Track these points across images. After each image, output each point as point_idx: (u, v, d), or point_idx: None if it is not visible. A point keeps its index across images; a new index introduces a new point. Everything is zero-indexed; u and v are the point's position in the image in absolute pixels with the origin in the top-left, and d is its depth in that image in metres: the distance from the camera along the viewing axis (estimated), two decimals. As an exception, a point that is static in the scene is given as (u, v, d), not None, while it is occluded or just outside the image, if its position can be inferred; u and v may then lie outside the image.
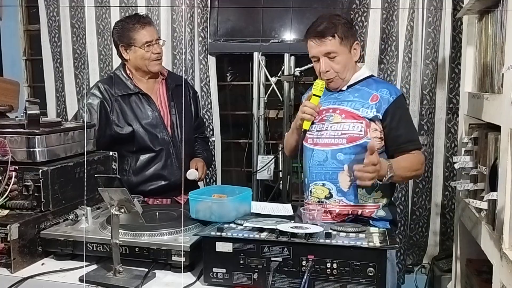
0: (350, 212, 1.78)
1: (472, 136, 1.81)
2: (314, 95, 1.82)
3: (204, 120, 2.79)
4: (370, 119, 1.78)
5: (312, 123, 1.86)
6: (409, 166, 1.77)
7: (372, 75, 1.94)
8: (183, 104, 2.33)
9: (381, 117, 1.78)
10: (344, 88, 1.87)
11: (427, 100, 2.59)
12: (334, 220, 1.77)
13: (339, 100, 1.86)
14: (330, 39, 1.78)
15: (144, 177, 2.19)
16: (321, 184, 1.81)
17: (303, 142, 1.87)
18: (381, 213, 1.80)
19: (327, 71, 1.82)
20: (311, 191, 1.84)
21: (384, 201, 1.81)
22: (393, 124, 1.78)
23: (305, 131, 1.84)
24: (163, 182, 2.20)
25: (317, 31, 1.80)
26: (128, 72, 2.23)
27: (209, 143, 2.66)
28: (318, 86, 1.81)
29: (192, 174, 2.16)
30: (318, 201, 1.82)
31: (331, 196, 1.79)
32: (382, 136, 1.79)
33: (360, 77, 1.88)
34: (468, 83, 1.98)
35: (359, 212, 1.78)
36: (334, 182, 1.79)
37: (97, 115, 2.15)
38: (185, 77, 2.75)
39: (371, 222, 1.78)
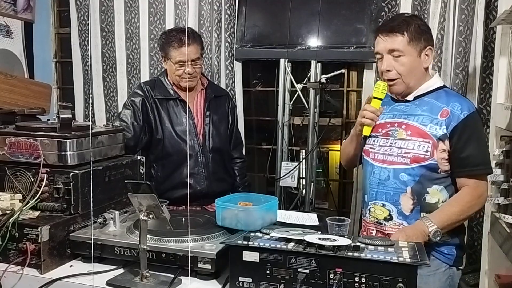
0: None
1: (504, 149, 1.76)
2: (374, 97, 1.68)
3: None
4: (439, 138, 1.64)
5: (376, 136, 1.74)
6: (460, 210, 1.60)
7: (444, 86, 1.78)
8: (219, 115, 2.36)
9: (448, 136, 1.63)
10: (411, 98, 1.73)
11: (456, 110, 2.53)
12: None
13: (405, 113, 1.72)
14: (397, 35, 1.66)
15: (170, 184, 2.23)
16: (381, 205, 1.70)
17: (363, 154, 1.77)
18: (446, 237, 1.67)
19: (388, 71, 1.68)
20: (369, 210, 1.74)
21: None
22: (459, 144, 1.62)
23: (365, 138, 1.72)
24: (189, 190, 2.21)
25: (386, 26, 1.69)
26: (169, 78, 2.30)
27: (245, 168, 2.59)
28: (380, 88, 1.67)
29: None
30: (377, 222, 1.72)
31: (391, 218, 1.68)
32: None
33: (430, 88, 1.73)
34: (500, 94, 1.93)
35: None
36: (395, 204, 1.67)
37: (140, 112, 2.21)
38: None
39: (435, 248, 1.67)
